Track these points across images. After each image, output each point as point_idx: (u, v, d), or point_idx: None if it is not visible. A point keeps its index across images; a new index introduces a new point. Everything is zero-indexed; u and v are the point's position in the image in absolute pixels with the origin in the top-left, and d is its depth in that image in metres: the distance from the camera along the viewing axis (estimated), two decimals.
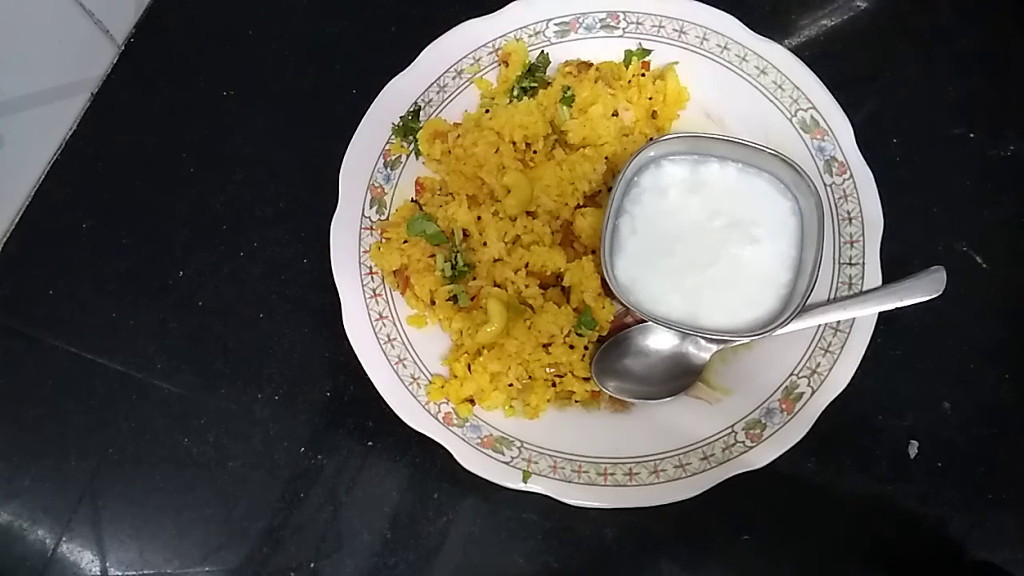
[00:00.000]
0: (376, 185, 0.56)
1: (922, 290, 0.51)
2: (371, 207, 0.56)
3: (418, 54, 0.59)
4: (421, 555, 0.52)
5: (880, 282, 0.52)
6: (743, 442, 0.50)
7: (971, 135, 0.58)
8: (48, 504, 0.54)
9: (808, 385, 0.50)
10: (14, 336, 0.59)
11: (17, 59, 0.58)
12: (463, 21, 0.60)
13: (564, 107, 0.56)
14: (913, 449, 0.51)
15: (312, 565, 0.52)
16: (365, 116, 0.57)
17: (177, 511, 0.54)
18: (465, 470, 0.50)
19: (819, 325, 0.52)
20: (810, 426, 0.49)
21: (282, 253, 0.60)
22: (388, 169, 0.57)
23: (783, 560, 0.51)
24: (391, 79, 0.58)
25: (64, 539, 0.54)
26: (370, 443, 0.54)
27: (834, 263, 0.53)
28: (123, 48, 0.67)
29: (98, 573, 0.53)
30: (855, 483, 0.51)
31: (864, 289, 0.52)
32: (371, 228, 0.55)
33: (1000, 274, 0.55)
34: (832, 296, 0.52)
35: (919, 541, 0.50)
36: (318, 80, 0.65)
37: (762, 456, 0.49)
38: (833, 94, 0.56)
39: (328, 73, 0.65)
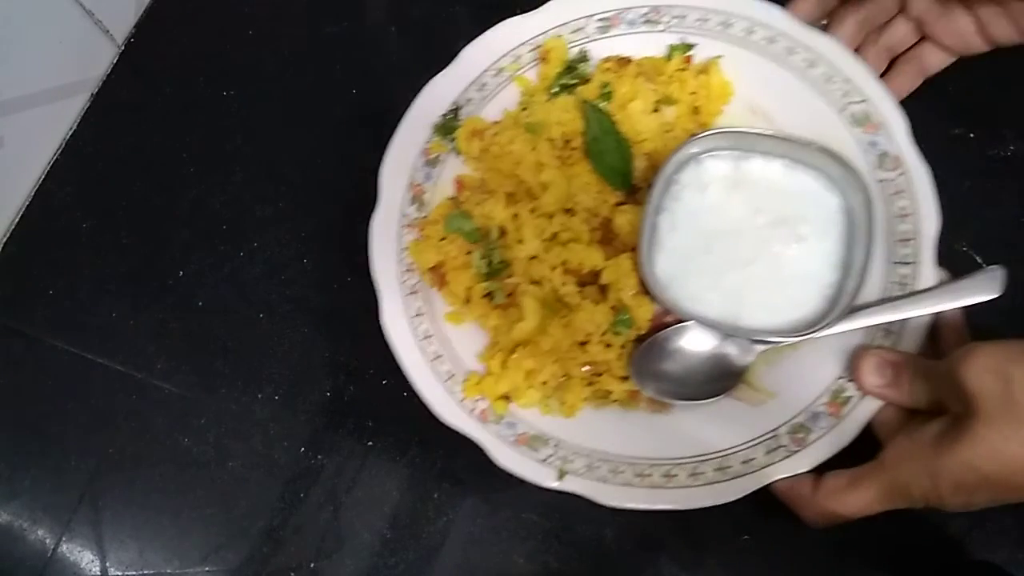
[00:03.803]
0: (416, 183, 0.56)
1: (979, 290, 0.48)
2: (411, 205, 0.55)
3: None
4: (421, 555, 0.52)
5: (935, 282, 0.50)
6: (786, 446, 0.48)
7: (971, 135, 0.58)
8: (48, 504, 0.54)
9: (857, 388, 0.48)
10: (14, 336, 0.59)
11: (17, 59, 0.58)
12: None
13: (603, 103, 0.55)
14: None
15: (312, 565, 0.52)
16: (405, 115, 0.56)
17: (177, 511, 0.54)
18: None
19: (869, 327, 0.49)
20: (858, 431, 0.47)
21: (282, 253, 0.60)
22: (428, 167, 0.56)
23: (783, 560, 0.51)
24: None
25: (64, 539, 0.54)
26: (370, 443, 0.54)
27: (886, 262, 0.51)
28: (123, 48, 0.67)
29: (98, 573, 0.53)
30: None
31: (918, 289, 0.50)
32: (410, 225, 0.55)
33: None
34: (884, 296, 0.50)
35: (919, 541, 0.50)
36: (318, 80, 0.65)
37: (806, 461, 0.47)
38: None
39: (328, 73, 0.65)
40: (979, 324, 0.49)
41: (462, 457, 0.53)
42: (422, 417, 0.53)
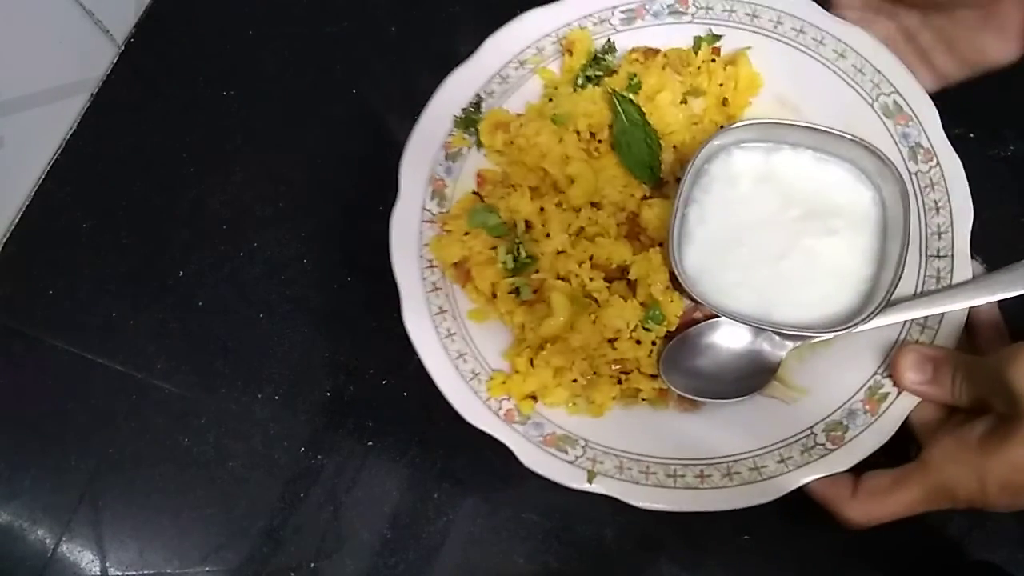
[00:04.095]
0: (437, 177, 0.55)
1: (1018, 283, 0.47)
2: (431, 200, 0.54)
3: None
4: (421, 555, 0.52)
5: (971, 275, 0.49)
6: (823, 444, 0.47)
7: (971, 135, 0.58)
8: (48, 504, 0.54)
9: (894, 384, 0.47)
10: (14, 336, 0.59)
11: (17, 59, 0.58)
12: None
13: (630, 95, 0.54)
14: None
15: (312, 565, 0.52)
16: (426, 108, 0.55)
17: (177, 511, 0.54)
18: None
19: (905, 321, 0.48)
20: (896, 428, 0.46)
21: (282, 253, 0.60)
22: (449, 161, 0.55)
23: (783, 560, 0.51)
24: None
25: (64, 539, 0.54)
26: (370, 443, 0.54)
27: (921, 255, 0.50)
28: (123, 48, 0.67)
29: (98, 573, 0.53)
30: None
31: (953, 283, 0.49)
32: (431, 221, 0.53)
33: None
34: (919, 290, 0.49)
35: (919, 541, 0.50)
36: (318, 80, 0.65)
37: (844, 460, 0.46)
38: None
39: (328, 73, 0.65)
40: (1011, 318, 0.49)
41: (462, 457, 0.53)
42: (422, 417, 0.53)
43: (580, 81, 0.56)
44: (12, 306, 0.60)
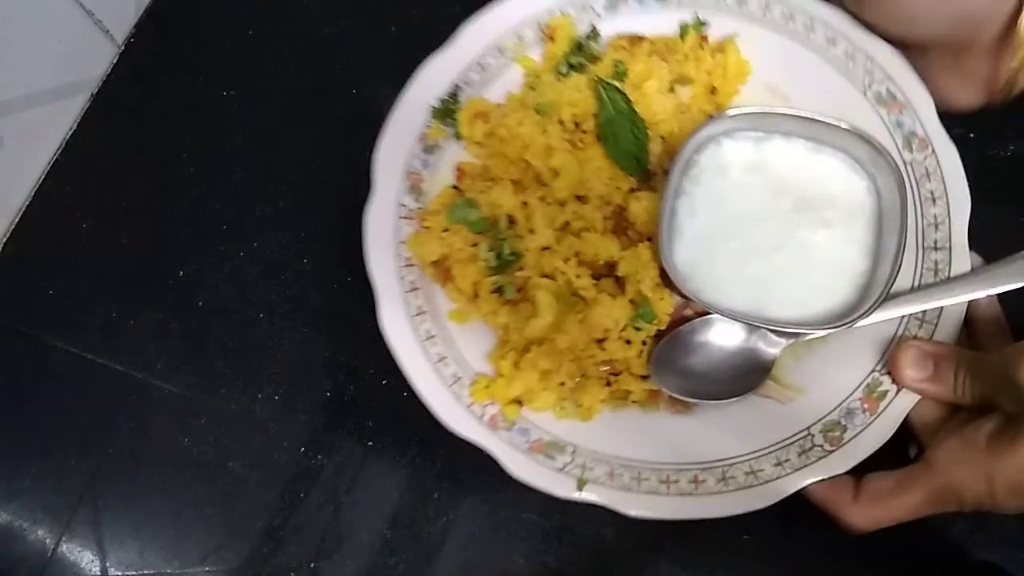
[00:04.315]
0: (413, 171, 0.53)
1: (1019, 275, 0.46)
2: (408, 194, 0.52)
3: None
4: (421, 555, 0.52)
5: (969, 267, 0.48)
6: (821, 445, 0.46)
7: (971, 135, 0.58)
8: (48, 504, 0.54)
9: (893, 382, 0.46)
10: (14, 336, 0.59)
11: (17, 59, 0.58)
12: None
13: (616, 83, 0.52)
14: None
15: (312, 565, 0.52)
16: (400, 98, 0.54)
17: (177, 511, 0.54)
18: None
19: (902, 316, 0.47)
20: (896, 427, 0.45)
21: (282, 253, 0.60)
22: (426, 154, 0.54)
23: (783, 560, 0.51)
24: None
25: (64, 539, 0.54)
26: (370, 443, 0.54)
27: (918, 248, 0.49)
28: (123, 48, 0.67)
29: (98, 573, 0.53)
30: None
31: (952, 275, 0.48)
32: (408, 217, 0.52)
33: None
34: (916, 283, 0.48)
35: (920, 542, 0.50)
36: (318, 80, 0.65)
37: (844, 461, 0.45)
38: None
39: (328, 73, 0.65)
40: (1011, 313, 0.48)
41: (462, 457, 0.53)
42: (422, 417, 0.53)
43: (563, 69, 0.54)
44: (12, 306, 0.60)
